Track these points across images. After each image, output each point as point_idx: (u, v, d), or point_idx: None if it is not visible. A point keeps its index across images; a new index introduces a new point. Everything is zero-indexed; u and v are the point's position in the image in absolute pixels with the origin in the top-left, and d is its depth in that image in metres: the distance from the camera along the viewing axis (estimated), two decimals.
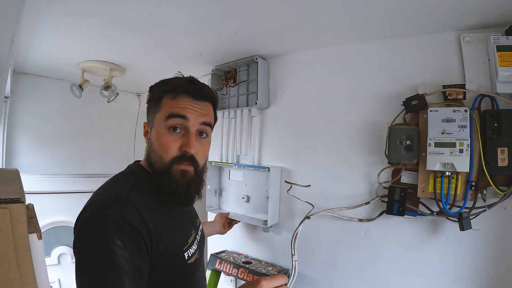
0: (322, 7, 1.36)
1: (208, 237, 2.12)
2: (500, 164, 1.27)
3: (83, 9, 1.40)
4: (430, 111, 1.37)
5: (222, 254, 2.11)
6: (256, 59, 1.96)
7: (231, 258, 2.04)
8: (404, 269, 1.51)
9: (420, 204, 1.44)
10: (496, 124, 1.27)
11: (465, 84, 1.37)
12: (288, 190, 1.77)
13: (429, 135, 1.35)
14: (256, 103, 1.97)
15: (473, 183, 1.31)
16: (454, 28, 1.43)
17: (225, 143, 2.26)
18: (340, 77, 1.77)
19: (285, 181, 1.82)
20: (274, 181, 1.93)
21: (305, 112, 1.90)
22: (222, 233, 1.92)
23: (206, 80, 2.26)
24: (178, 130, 1.01)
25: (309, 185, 1.75)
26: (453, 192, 1.34)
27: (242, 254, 2.13)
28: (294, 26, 1.56)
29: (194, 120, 1.01)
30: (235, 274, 1.90)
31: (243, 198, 2.08)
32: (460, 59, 1.42)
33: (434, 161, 1.33)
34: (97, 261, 0.78)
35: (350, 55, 1.74)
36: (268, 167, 1.89)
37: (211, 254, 2.09)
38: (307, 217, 1.63)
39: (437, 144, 1.33)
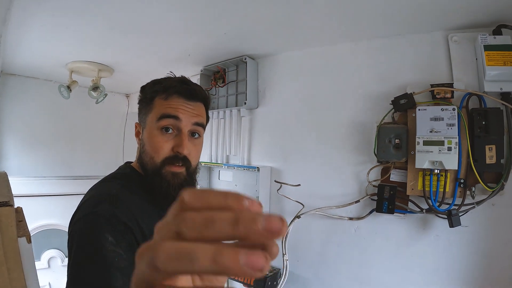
0: (311, 8, 1.36)
1: None
2: (488, 161, 1.28)
3: (71, 9, 1.39)
4: (419, 110, 1.38)
5: None
6: (245, 59, 1.96)
7: None
8: (395, 266, 1.52)
9: (409, 202, 1.45)
10: (483, 122, 1.29)
11: (453, 83, 1.39)
12: (278, 190, 1.77)
13: (417, 134, 1.37)
14: (245, 103, 1.97)
15: (462, 181, 1.33)
16: (442, 28, 1.45)
17: (214, 144, 2.26)
18: (329, 77, 1.77)
19: (275, 181, 1.83)
20: (264, 181, 1.92)
21: (294, 112, 1.90)
22: None
23: (195, 80, 2.24)
24: (171, 131, 0.99)
25: (299, 185, 1.76)
26: (442, 190, 1.35)
27: None
28: (282, 26, 1.56)
29: (186, 121, 1.00)
30: None
31: None
32: (448, 58, 1.44)
33: (423, 159, 1.34)
34: (87, 256, 0.77)
35: (339, 55, 1.74)
36: (257, 167, 1.89)
37: None
38: (298, 217, 1.63)
39: (426, 143, 1.34)
